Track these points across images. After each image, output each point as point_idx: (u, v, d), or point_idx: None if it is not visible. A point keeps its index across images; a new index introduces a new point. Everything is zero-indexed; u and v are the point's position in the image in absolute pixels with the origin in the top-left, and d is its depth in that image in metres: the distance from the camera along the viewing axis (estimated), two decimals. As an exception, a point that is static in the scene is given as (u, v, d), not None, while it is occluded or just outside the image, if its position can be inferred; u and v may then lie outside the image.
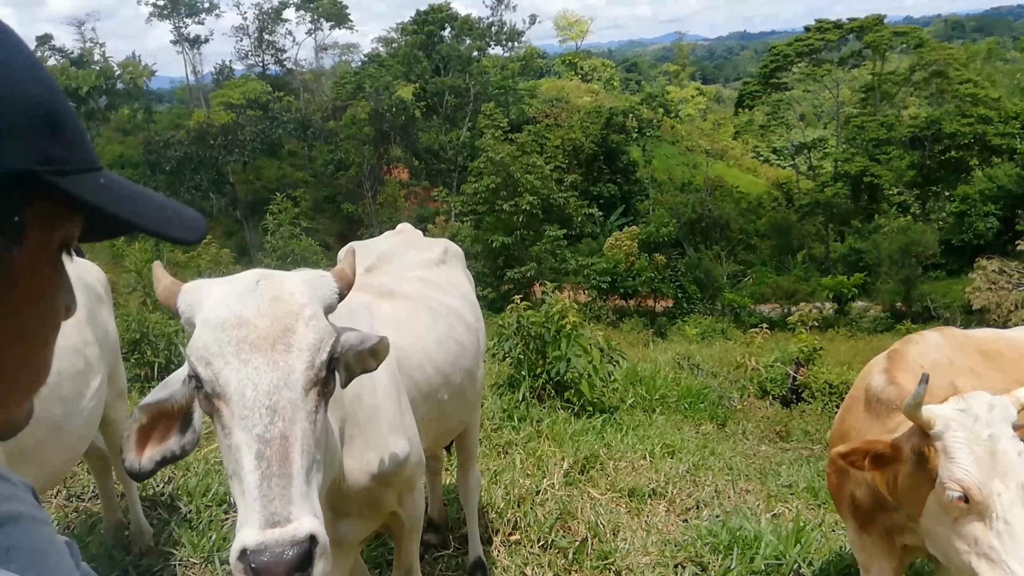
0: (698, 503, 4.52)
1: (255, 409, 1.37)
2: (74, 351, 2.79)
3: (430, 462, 3.67)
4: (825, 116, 49.68)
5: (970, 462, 1.93)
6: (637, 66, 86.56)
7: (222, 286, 1.53)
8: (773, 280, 33.68)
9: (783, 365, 8.96)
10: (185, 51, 52.57)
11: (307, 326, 1.47)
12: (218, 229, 37.95)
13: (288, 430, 1.36)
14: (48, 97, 0.61)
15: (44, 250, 0.64)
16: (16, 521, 0.71)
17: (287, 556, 1.27)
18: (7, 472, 0.76)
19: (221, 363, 1.40)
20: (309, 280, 1.59)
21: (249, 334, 1.42)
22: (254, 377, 1.39)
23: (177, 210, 0.72)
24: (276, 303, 1.48)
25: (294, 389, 1.40)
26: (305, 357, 1.43)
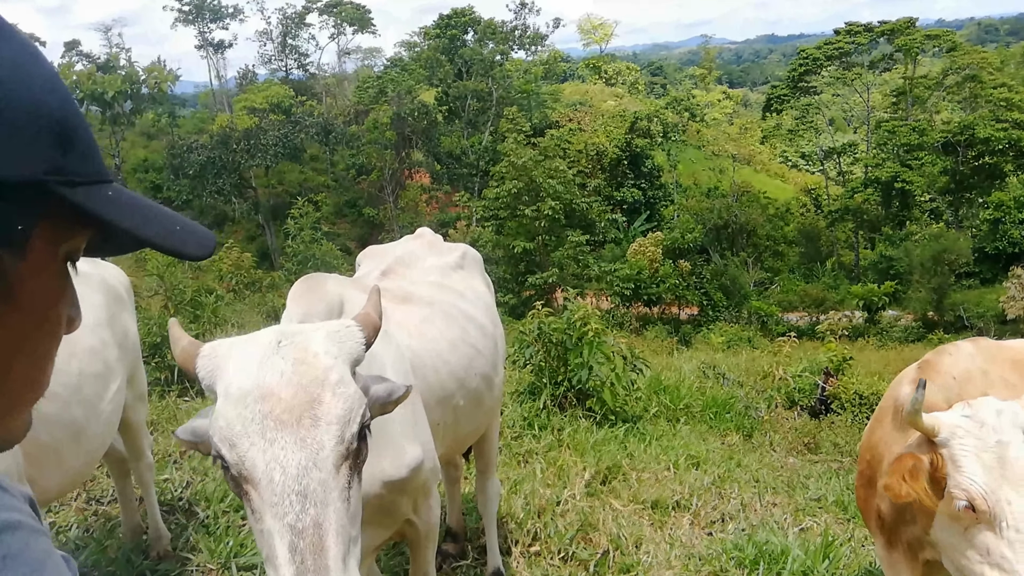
0: (723, 516, 4.42)
1: (285, 495, 1.29)
2: (94, 353, 2.78)
3: (448, 469, 3.62)
4: (855, 120, 49.09)
5: (977, 470, 1.87)
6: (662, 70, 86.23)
7: (241, 350, 1.45)
8: (801, 288, 33.23)
9: (812, 375, 8.79)
10: (209, 56, 53.37)
11: (334, 395, 1.39)
12: (240, 233, 38.35)
13: (321, 516, 1.29)
14: (62, 108, 0.61)
15: (48, 261, 0.62)
16: (14, 530, 0.68)
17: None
18: (6, 482, 0.72)
19: (246, 444, 1.33)
20: (333, 335, 1.50)
21: (273, 408, 1.34)
22: (281, 458, 1.31)
23: (187, 225, 0.70)
24: (300, 368, 1.39)
25: (324, 468, 1.32)
26: (334, 431, 1.35)
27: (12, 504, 0.70)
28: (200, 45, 52.51)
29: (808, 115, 43.53)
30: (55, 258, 0.63)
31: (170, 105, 47.29)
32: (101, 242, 0.68)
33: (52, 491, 2.62)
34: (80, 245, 0.65)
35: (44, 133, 0.58)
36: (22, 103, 0.57)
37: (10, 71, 0.57)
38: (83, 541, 3.58)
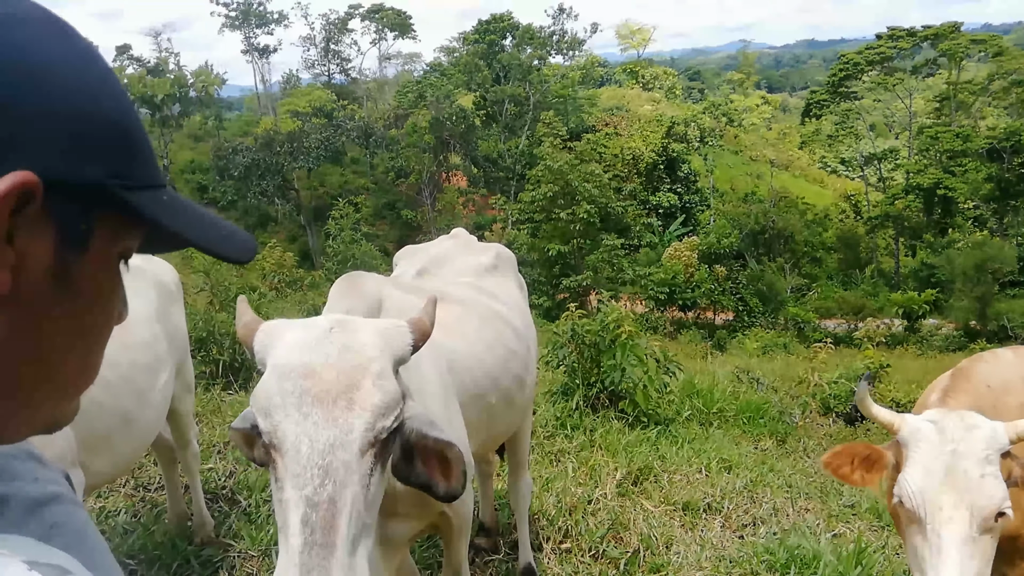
0: (755, 520, 4.41)
1: (308, 467, 1.34)
2: (145, 346, 2.91)
3: (482, 466, 3.69)
4: (897, 126, 48.13)
5: (918, 471, 1.92)
6: (700, 74, 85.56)
7: (295, 331, 1.52)
8: (839, 295, 32.66)
9: (848, 382, 8.67)
10: (255, 61, 54.44)
11: (373, 384, 1.44)
12: (282, 234, 39.00)
13: (338, 494, 1.33)
14: (124, 115, 0.65)
15: (105, 259, 0.67)
16: (59, 501, 0.73)
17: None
18: (44, 457, 0.79)
19: (281, 415, 1.39)
20: (384, 331, 1.56)
21: (313, 386, 1.40)
22: (312, 432, 1.36)
23: (231, 230, 0.75)
24: (345, 353, 1.45)
25: (350, 450, 1.37)
26: (367, 417, 1.40)
27: (53, 478, 0.76)
28: (246, 50, 53.58)
29: (848, 120, 42.77)
30: (112, 255, 0.67)
31: (217, 108, 48.30)
32: (150, 241, 0.73)
33: (103, 476, 2.75)
34: (134, 244, 0.70)
35: (108, 140, 0.62)
36: (90, 111, 0.61)
37: (80, 81, 0.61)
38: (131, 526, 3.73)
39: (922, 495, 1.89)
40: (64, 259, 0.62)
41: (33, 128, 0.57)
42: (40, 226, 0.59)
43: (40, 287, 0.61)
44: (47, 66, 0.59)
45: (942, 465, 1.89)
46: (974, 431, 1.91)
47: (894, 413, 2.10)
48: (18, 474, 0.72)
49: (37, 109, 0.58)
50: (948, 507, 1.85)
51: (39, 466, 0.75)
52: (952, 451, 1.90)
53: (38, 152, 0.57)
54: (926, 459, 1.93)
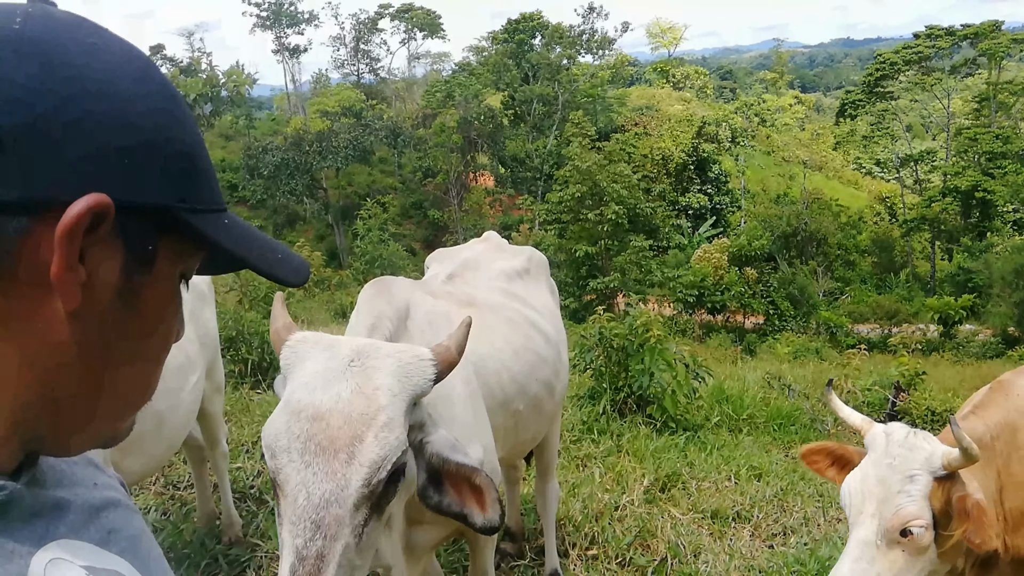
0: (785, 529, 4.34)
1: (302, 519, 1.37)
2: (177, 347, 2.93)
3: (508, 471, 3.67)
4: (934, 127, 47.21)
5: (857, 475, 2.04)
6: (732, 74, 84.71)
7: (317, 358, 1.54)
8: (873, 299, 32.09)
9: (882, 389, 8.51)
10: (285, 60, 55.05)
11: (376, 438, 1.44)
12: (310, 233, 39.40)
13: (327, 548, 1.36)
14: (192, 143, 0.68)
15: (168, 279, 0.69)
16: (116, 507, 0.77)
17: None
18: (102, 464, 0.82)
19: (286, 459, 1.42)
20: (404, 367, 1.55)
21: (318, 432, 1.42)
22: (310, 483, 1.39)
23: (286, 253, 0.77)
24: (357, 398, 1.46)
25: (344, 505, 1.39)
26: (363, 473, 1.41)
27: (111, 484, 0.79)
28: (277, 50, 54.23)
29: (884, 121, 42.02)
30: (174, 276, 0.70)
31: (247, 108, 48.91)
32: (210, 263, 0.75)
33: (134, 475, 2.78)
34: (194, 265, 0.72)
35: (177, 166, 0.65)
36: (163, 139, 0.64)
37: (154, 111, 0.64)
38: (160, 524, 3.77)
39: (851, 497, 2.02)
40: (130, 278, 0.65)
41: (110, 152, 0.60)
42: (110, 246, 0.62)
43: (107, 305, 0.64)
44: (126, 94, 0.62)
45: (876, 475, 2.01)
46: (915, 451, 2.00)
47: (864, 418, 2.22)
48: (78, 480, 0.75)
49: (115, 135, 0.60)
50: (866, 512, 1.97)
51: (98, 472, 0.79)
52: (889, 464, 2.00)
53: (113, 175, 0.60)
54: (867, 466, 2.04)
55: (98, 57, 0.62)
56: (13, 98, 0.56)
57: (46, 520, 0.67)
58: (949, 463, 1.94)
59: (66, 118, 0.58)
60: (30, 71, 0.57)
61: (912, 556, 1.93)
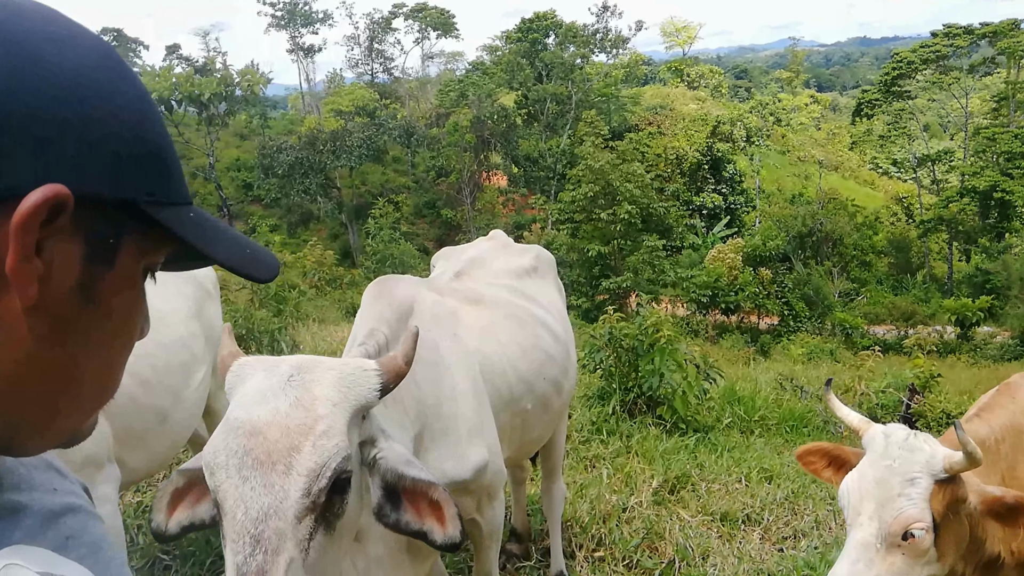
0: (796, 532, 4.28)
1: (241, 535, 1.33)
2: (181, 344, 2.93)
3: (515, 471, 3.65)
4: (952, 127, 46.81)
5: (855, 476, 2.01)
6: (747, 73, 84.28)
7: (257, 377, 1.50)
8: (889, 300, 31.78)
9: (896, 391, 8.41)
10: (299, 60, 55.30)
11: (314, 447, 1.39)
12: (323, 231, 39.56)
13: (268, 563, 1.31)
14: (156, 135, 0.66)
15: (131, 274, 0.67)
16: (75, 512, 0.74)
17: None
18: (65, 469, 0.80)
19: (223, 475, 1.38)
20: (346, 378, 1.51)
21: (255, 447, 1.38)
22: (247, 498, 1.35)
23: (255, 249, 0.75)
24: (294, 410, 1.42)
25: (284, 518, 1.34)
26: (301, 483, 1.36)
27: (72, 489, 0.77)
28: (291, 49, 54.50)
29: (901, 120, 41.61)
30: (137, 270, 0.68)
31: (262, 107, 49.16)
32: (176, 258, 0.74)
33: (139, 472, 2.78)
34: (159, 260, 0.71)
35: (141, 158, 0.64)
36: (127, 132, 0.63)
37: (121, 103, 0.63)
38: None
39: (849, 497, 1.99)
40: (91, 273, 0.63)
41: (70, 144, 0.59)
42: (69, 239, 0.60)
43: (66, 300, 0.62)
44: (93, 85, 0.61)
45: (875, 476, 1.97)
46: (915, 453, 1.97)
47: (862, 418, 2.18)
48: (36, 484, 0.73)
49: (76, 127, 0.59)
50: (864, 514, 1.94)
51: (58, 477, 0.77)
52: (888, 466, 1.96)
53: (73, 167, 0.59)
54: (865, 467, 2.01)
55: (67, 51, 0.61)
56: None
57: (1, 524, 0.65)
58: (951, 466, 1.91)
59: (28, 109, 0.57)
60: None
61: (911, 559, 1.91)
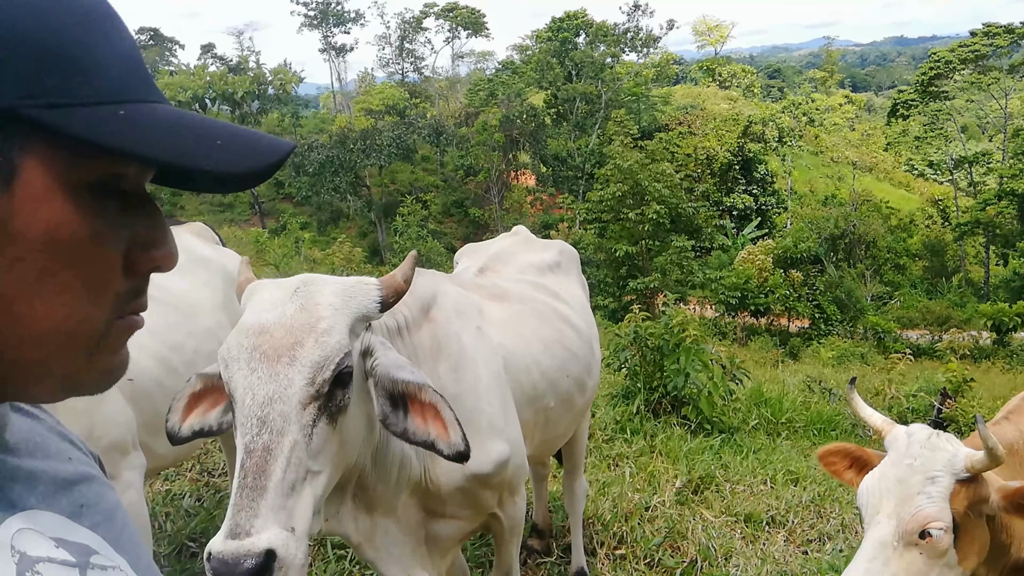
0: (821, 535, 4.22)
1: (248, 418, 1.44)
2: (210, 333, 2.98)
3: (537, 468, 3.65)
4: (990, 128, 45.76)
5: (875, 475, 2.00)
6: (780, 72, 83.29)
7: (268, 290, 1.63)
8: (923, 304, 31.18)
9: (927, 395, 8.25)
10: (331, 59, 55.79)
11: (316, 342, 1.51)
12: (353, 229, 39.94)
13: (272, 442, 1.42)
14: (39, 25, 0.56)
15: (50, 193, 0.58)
16: (90, 481, 0.75)
17: (239, 568, 1.32)
18: (80, 440, 0.81)
19: (235, 367, 1.50)
20: (346, 290, 1.64)
21: (263, 343, 1.50)
22: (255, 386, 1.46)
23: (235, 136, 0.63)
24: (300, 313, 1.54)
25: (288, 403, 1.45)
26: (306, 372, 1.48)
27: (86, 460, 0.78)
28: (323, 48, 55.03)
29: (938, 121, 40.85)
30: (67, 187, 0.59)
31: (294, 106, 49.79)
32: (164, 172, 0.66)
33: (167, 458, 2.83)
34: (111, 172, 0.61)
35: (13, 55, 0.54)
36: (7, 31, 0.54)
37: None
38: (194, 509, 3.85)
39: (868, 496, 1.98)
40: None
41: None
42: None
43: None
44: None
45: (896, 475, 1.95)
46: (937, 452, 1.95)
47: (884, 419, 2.18)
48: (52, 453, 0.73)
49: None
50: (883, 512, 1.92)
51: (72, 448, 0.78)
52: (909, 465, 1.95)
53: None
54: (886, 466, 1.99)
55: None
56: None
57: (15, 489, 0.65)
58: (972, 465, 1.88)
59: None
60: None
61: (929, 559, 1.88)
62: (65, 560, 0.64)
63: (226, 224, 34.31)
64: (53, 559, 0.63)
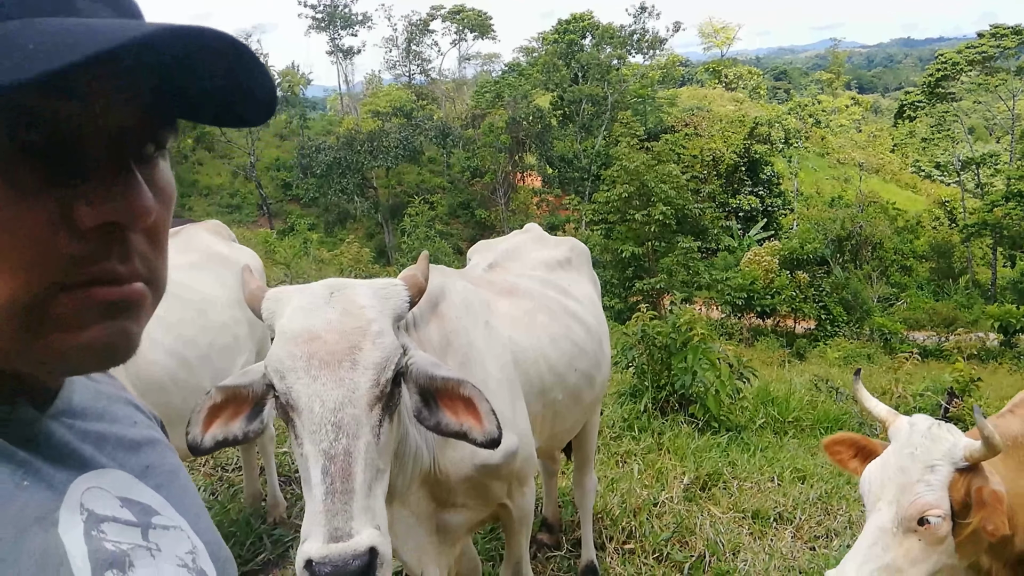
0: (828, 532, 4.25)
1: (322, 425, 1.44)
2: (224, 328, 3.04)
3: (547, 463, 3.69)
4: (998, 130, 45.60)
5: (878, 463, 2.05)
6: (787, 74, 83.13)
7: (299, 297, 1.62)
8: (930, 306, 31.07)
9: (934, 394, 8.25)
10: (339, 61, 55.89)
11: (373, 344, 1.53)
12: (360, 230, 40.02)
13: (352, 446, 1.44)
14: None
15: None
16: (154, 444, 0.79)
17: (349, 568, 1.35)
18: (143, 405, 0.84)
19: (293, 378, 1.48)
20: (380, 291, 1.65)
21: (318, 349, 1.49)
22: (322, 393, 1.46)
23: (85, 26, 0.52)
24: (345, 318, 1.55)
25: (358, 406, 1.47)
26: (370, 375, 1.50)
27: (150, 424, 0.82)
28: (331, 51, 55.15)
29: (945, 123, 40.73)
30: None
31: (302, 108, 49.86)
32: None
33: (180, 451, 2.88)
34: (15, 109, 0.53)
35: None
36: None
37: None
38: (209, 503, 3.89)
39: (870, 484, 2.04)
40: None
41: None
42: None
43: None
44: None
45: (897, 464, 2.01)
46: (937, 441, 2.00)
47: (889, 409, 2.24)
48: (119, 417, 0.77)
49: None
50: (884, 500, 1.98)
51: (137, 412, 0.81)
52: (910, 454, 2.00)
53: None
54: (889, 455, 2.05)
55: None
56: None
57: (86, 450, 0.68)
58: (971, 454, 1.93)
59: None
60: None
61: (928, 546, 1.93)
62: (128, 520, 0.67)
63: (234, 225, 34.25)
64: (118, 519, 0.66)
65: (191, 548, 0.72)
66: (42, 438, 0.65)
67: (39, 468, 0.62)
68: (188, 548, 0.72)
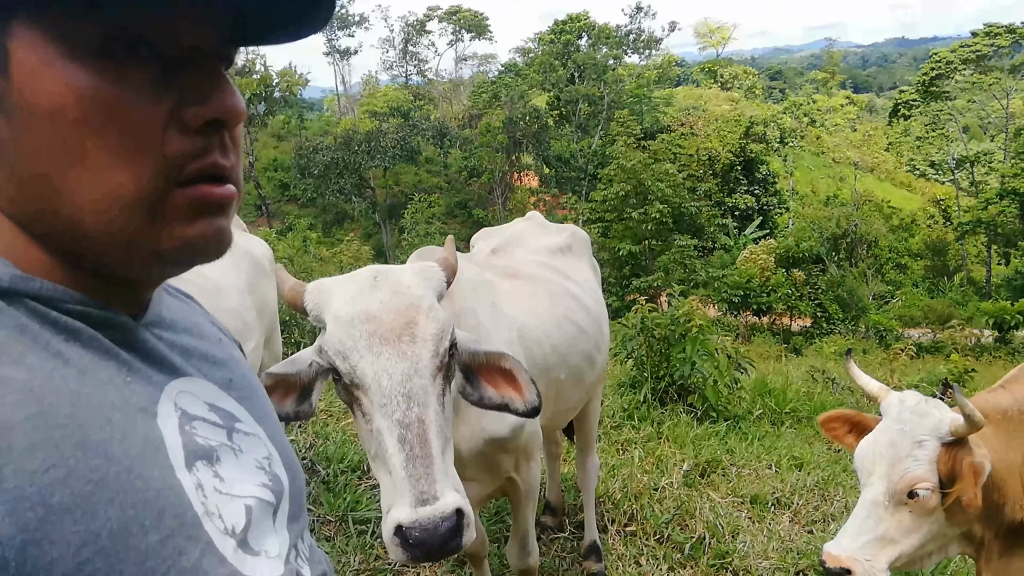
0: (825, 516, 4.34)
1: (392, 396, 1.49)
2: (234, 312, 3.11)
3: (549, 446, 3.77)
4: (992, 128, 45.81)
5: (870, 439, 2.13)
6: (782, 74, 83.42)
7: (345, 285, 1.66)
8: (925, 303, 31.24)
9: (929, 386, 8.36)
10: (336, 62, 55.99)
11: (428, 317, 1.58)
12: (358, 231, 40.04)
13: (423, 414, 1.48)
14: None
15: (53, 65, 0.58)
16: (237, 362, 0.86)
17: (440, 530, 1.39)
18: (227, 330, 0.92)
19: (356, 357, 1.53)
20: (421, 272, 1.71)
21: (377, 328, 1.54)
22: (388, 367, 1.51)
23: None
24: (396, 297, 1.60)
25: (424, 376, 1.52)
26: (430, 346, 1.55)
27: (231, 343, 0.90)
28: (328, 52, 55.24)
29: (939, 122, 40.92)
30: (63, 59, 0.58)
31: (299, 108, 49.84)
32: None
33: None
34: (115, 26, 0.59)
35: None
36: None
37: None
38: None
39: (863, 460, 2.13)
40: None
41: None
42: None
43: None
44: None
45: (887, 439, 2.09)
46: (925, 417, 2.08)
47: (880, 385, 2.33)
48: (206, 335, 0.84)
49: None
50: (876, 475, 2.07)
51: (222, 334, 0.89)
52: (900, 429, 2.09)
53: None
54: (880, 431, 2.14)
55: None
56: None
57: (176, 359, 0.74)
58: (956, 429, 2.02)
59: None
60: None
61: (919, 517, 2.03)
62: (215, 422, 0.74)
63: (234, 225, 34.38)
64: (207, 419, 0.73)
65: (267, 454, 0.79)
66: (138, 344, 0.70)
67: (139, 368, 0.68)
68: (265, 454, 0.79)
